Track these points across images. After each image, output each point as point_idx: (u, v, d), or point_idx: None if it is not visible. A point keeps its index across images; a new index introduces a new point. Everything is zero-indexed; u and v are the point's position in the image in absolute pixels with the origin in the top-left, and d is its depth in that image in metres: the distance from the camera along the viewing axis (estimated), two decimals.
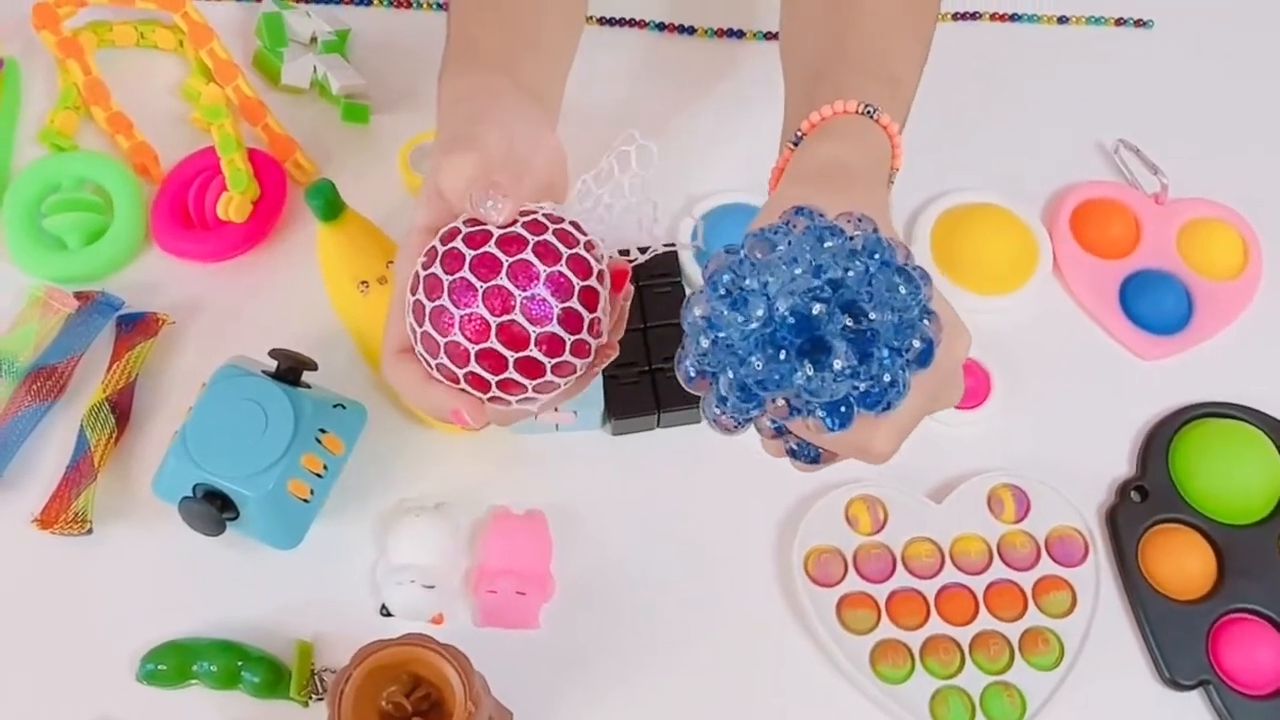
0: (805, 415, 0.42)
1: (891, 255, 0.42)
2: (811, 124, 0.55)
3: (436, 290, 0.48)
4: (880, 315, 0.40)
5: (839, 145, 0.54)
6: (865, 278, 0.41)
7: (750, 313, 0.41)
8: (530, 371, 0.49)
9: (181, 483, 0.64)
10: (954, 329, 0.46)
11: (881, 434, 0.45)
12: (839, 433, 0.42)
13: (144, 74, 0.83)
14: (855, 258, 0.41)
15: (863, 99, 0.55)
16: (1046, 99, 0.86)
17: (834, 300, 0.40)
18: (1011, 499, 0.71)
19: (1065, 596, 0.68)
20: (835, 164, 0.53)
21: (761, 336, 0.41)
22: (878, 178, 0.55)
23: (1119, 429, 0.75)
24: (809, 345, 0.40)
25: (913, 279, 0.41)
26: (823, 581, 0.68)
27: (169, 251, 0.76)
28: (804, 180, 0.53)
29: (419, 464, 0.71)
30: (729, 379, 0.42)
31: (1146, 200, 0.82)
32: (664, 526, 0.70)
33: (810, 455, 0.47)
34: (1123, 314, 0.78)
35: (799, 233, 0.42)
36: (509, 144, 0.52)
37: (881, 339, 0.41)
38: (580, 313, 0.49)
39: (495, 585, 0.66)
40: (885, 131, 0.55)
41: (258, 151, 0.78)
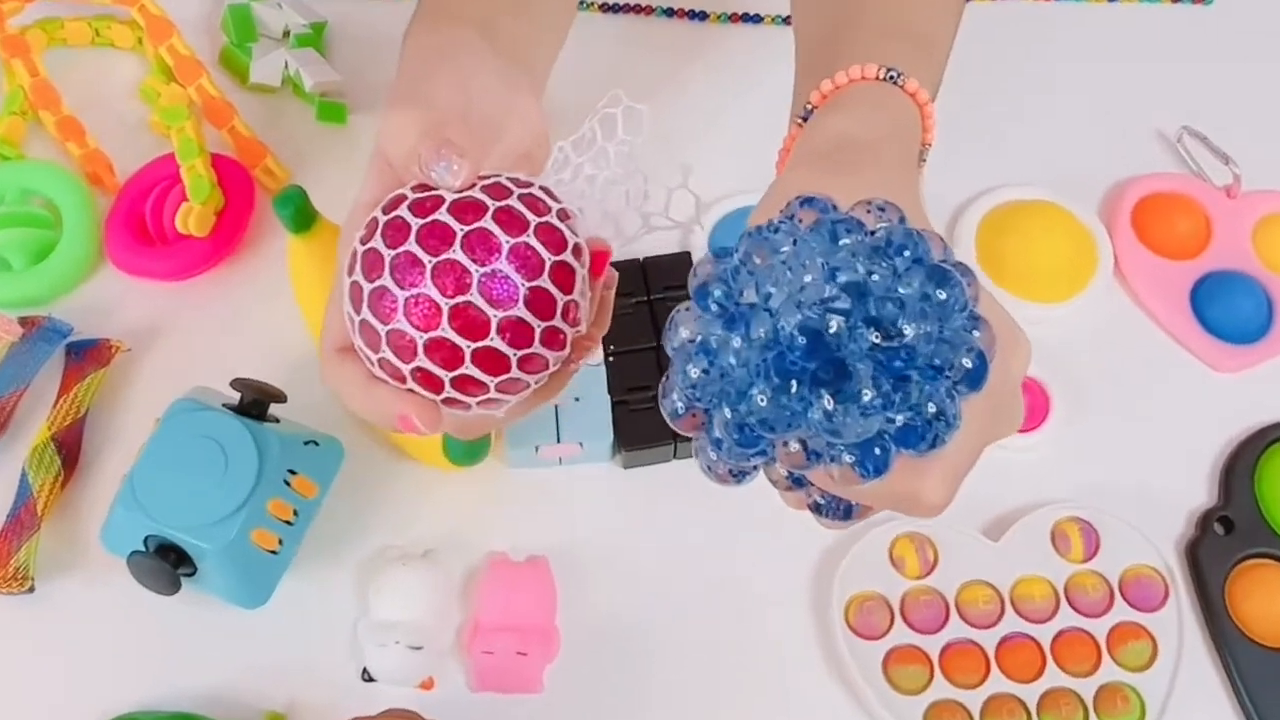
0: (828, 461, 0.34)
1: (925, 250, 0.34)
2: (823, 94, 0.47)
3: (376, 268, 0.41)
4: (916, 327, 0.33)
5: (855, 117, 0.46)
6: (893, 281, 0.33)
7: (750, 332, 0.33)
8: (492, 366, 0.41)
9: (130, 535, 0.57)
10: (1009, 337, 0.38)
11: (932, 479, 0.37)
12: (875, 481, 0.34)
13: (99, 75, 0.77)
14: (879, 256, 0.34)
15: (884, 61, 0.46)
16: (1099, 83, 0.79)
17: (855, 312, 0.33)
18: (1079, 534, 0.64)
19: (1144, 646, 0.61)
20: (850, 140, 0.45)
21: (765, 362, 0.33)
22: (904, 155, 0.47)
23: (1196, 452, 0.68)
24: (827, 371, 0.33)
25: (952, 278, 0.34)
26: (866, 633, 0.61)
27: (124, 270, 0.70)
28: (812, 161, 0.45)
29: (404, 506, 0.64)
30: (725, 417, 0.34)
31: (1216, 193, 0.75)
32: (683, 573, 0.63)
33: (840, 510, 0.39)
34: (1195, 321, 0.71)
35: (806, 228, 0.35)
36: (466, 100, 0.45)
37: (920, 357, 0.33)
38: (552, 293, 0.41)
39: (492, 644, 0.60)
40: (913, 99, 0.47)
41: (223, 157, 0.72)
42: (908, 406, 0.33)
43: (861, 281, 0.33)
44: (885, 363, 0.32)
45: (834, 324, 0.32)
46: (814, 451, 0.34)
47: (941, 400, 0.33)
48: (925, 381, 0.33)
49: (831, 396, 0.32)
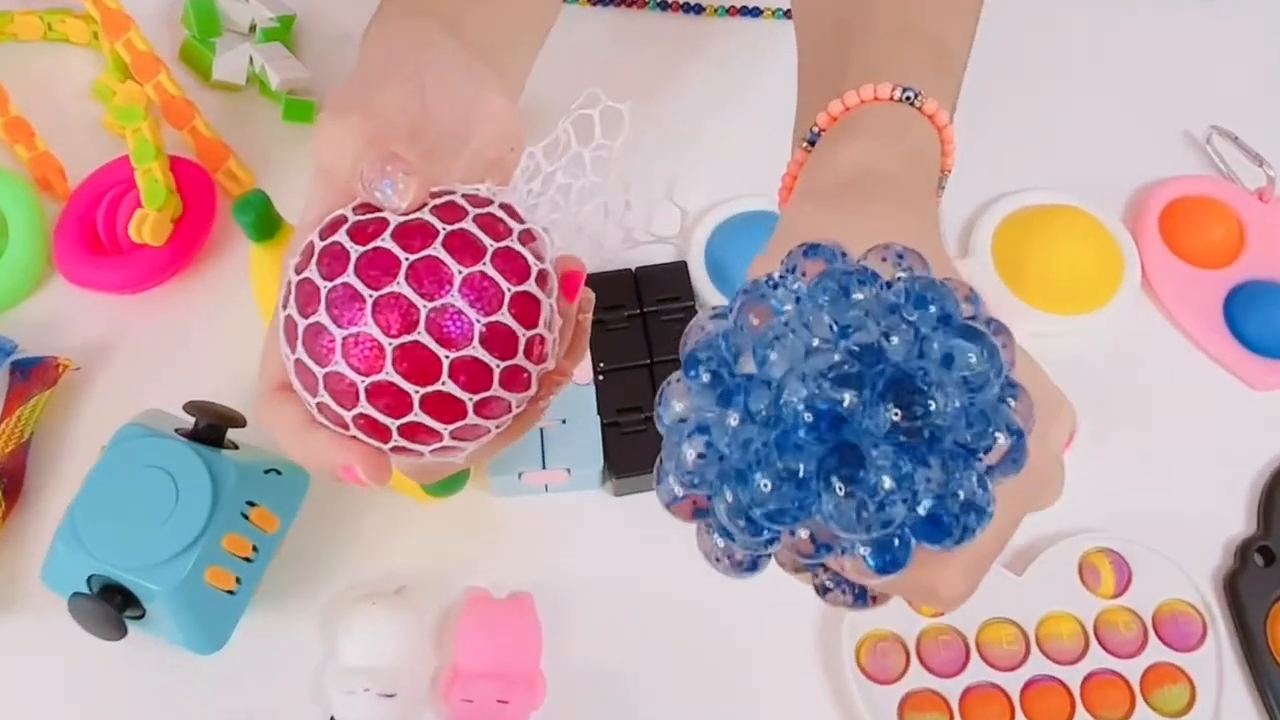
0: (839, 553, 0.30)
1: (952, 306, 0.30)
2: (832, 116, 0.43)
3: (312, 302, 0.36)
4: (944, 401, 0.28)
5: (868, 145, 0.41)
6: (915, 344, 0.29)
7: (748, 409, 0.29)
8: (444, 413, 0.37)
9: (72, 574, 0.52)
10: (1049, 404, 0.34)
11: (952, 572, 0.33)
12: (891, 577, 0.29)
13: (51, 72, 0.72)
14: (898, 314, 0.29)
15: (900, 79, 0.42)
16: (1124, 80, 0.75)
17: (871, 383, 0.28)
18: (1109, 567, 0.60)
19: (1182, 690, 0.57)
20: (864, 172, 0.40)
21: (766, 445, 0.29)
22: (923, 188, 0.42)
23: (1233, 476, 0.63)
24: (839, 455, 0.28)
25: (986, 340, 0.29)
26: (880, 677, 0.57)
27: (75, 282, 0.65)
28: (821, 197, 0.40)
29: (375, 539, 0.60)
30: (727, 504, 0.29)
31: (1249, 197, 0.71)
32: (680, 610, 0.59)
33: (850, 595, 0.35)
34: (1229, 334, 0.67)
35: (811, 282, 0.30)
36: (422, 105, 0.40)
37: (948, 437, 0.28)
38: (512, 328, 0.37)
39: (471, 691, 0.55)
40: (931, 122, 0.42)
41: (182, 160, 0.67)
42: (934, 496, 0.28)
43: (878, 346, 0.28)
44: (907, 445, 0.28)
45: (846, 399, 0.28)
46: (824, 544, 0.30)
47: (972, 489, 0.29)
48: (955, 466, 0.28)
49: (844, 485, 0.28)
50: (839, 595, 0.35)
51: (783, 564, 0.34)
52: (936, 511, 0.28)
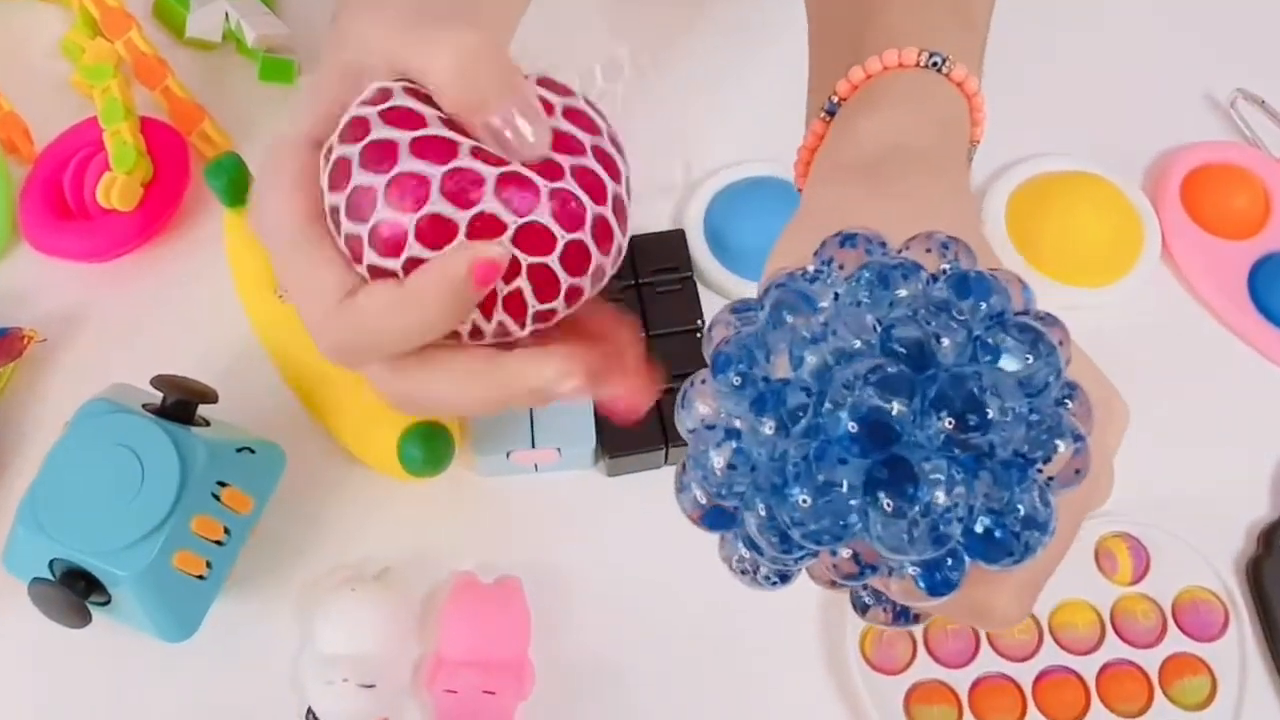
0: (885, 574, 0.27)
1: (1005, 301, 0.27)
2: (853, 84, 0.40)
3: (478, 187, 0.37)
4: (1002, 408, 0.25)
5: (897, 118, 0.38)
6: (968, 345, 0.26)
7: (784, 417, 0.26)
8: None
9: (33, 558, 0.50)
10: (1105, 402, 0.31)
11: (1007, 592, 0.31)
12: (943, 600, 0.27)
13: (18, 29, 0.69)
14: (947, 312, 0.26)
15: (925, 43, 0.39)
16: (1144, 42, 0.73)
17: (922, 389, 0.25)
18: (1126, 552, 0.57)
19: (1202, 681, 0.55)
20: (892, 147, 0.37)
21: (806, 459, 0.26)
22: (956, 163, 0.39)
23: (1256, 457, 0.61)
24: (886, 469, 0.25)
25: (1044, 338, 0.26)
26: (885, 667, 0.55)
27: (40, 249, 0.62)
28: (848, 176, 0.37)
29: (356, 521, 0.57)
30: (759, 519, 0.27)
31: (1275, 164, 0.68)
32: (674, 596, 0.56)
33: (891, 614, 0.32)
34: (1253, 308, 0.64)
35: (848, 274, 0.28)
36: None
37: (1006, 446, 0.26)
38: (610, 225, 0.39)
39: (456, 681, 0.53)
40: (960, 89, 0.39)
41: (154, 121, 0.64)
42: (990, 511, 0.26)
43: (927, 348, 0.26)
44: (962, 457, 0.26)
45: (894, 407, 0.25)
46: (869, 565, 0.27)
47: (1032, 503, 0.26)
48: (1014, 479, 0.26)
49: (893, 502, 0.25)
50: (879, 613, 0.32)
51: (816, 578, 0.31)
52: (994, 529, 0.26)
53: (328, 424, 0.57)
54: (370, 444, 0.55)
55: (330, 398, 0.56)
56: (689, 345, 0.59)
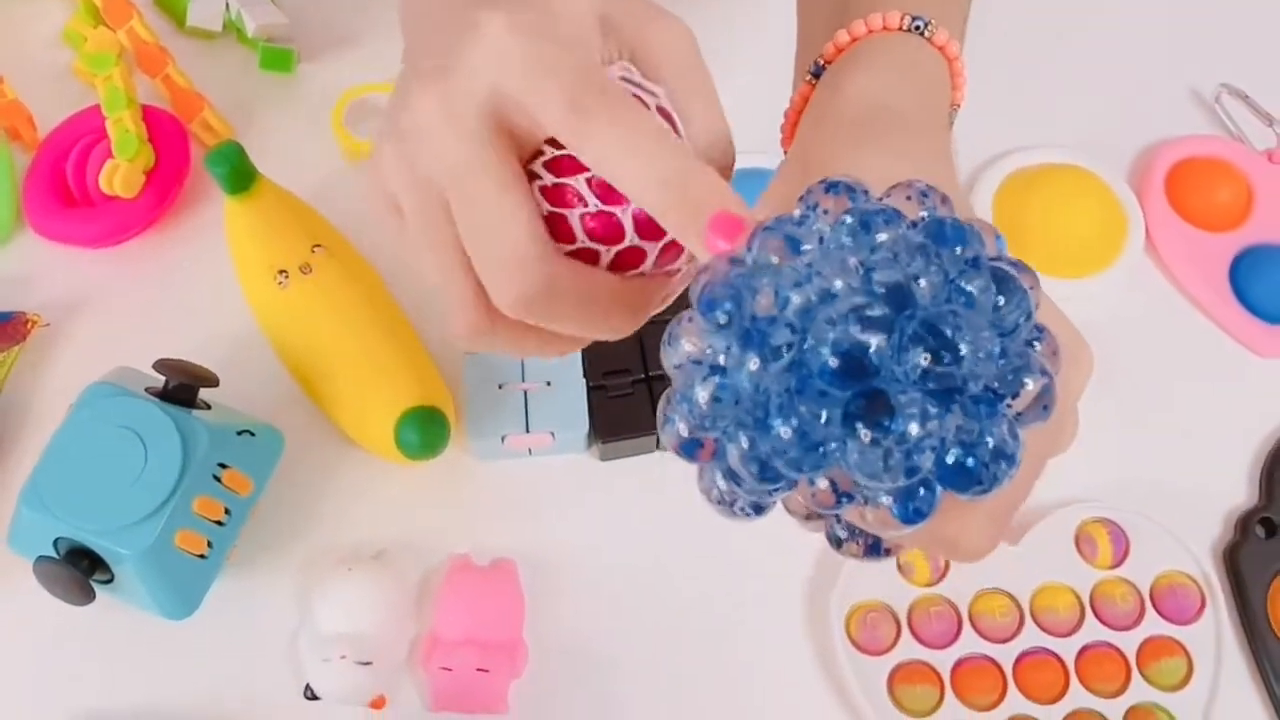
0: (861, 503, 0.29)
1: (980, 247, 0.28)
2: (838, 47, 0.41)
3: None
4: (974, 346, 0.26)
5: (880, 77, 0.39)
6: (944, 287, 0.27)
7: (768, 352, 0.27)
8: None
9: (38, 537, 0.51)
10: (1071, 349, 0.33)
11: (976, 522, 0.32)
12: (916, 527, 0.28)
13: (21, 18, 0.70)
14: (926, 255, 0.27)
15: (908, 7, 0.40)
16: (1130, 36, 0.73)
17: (900, 326, 0.27)
18: (1106, 537, 0.58)
19: (1178, 663, 0.56)
20: (877, 105, 0.38)
21: (788, 391, 0.27)
22: (936, 122, 0.40)
23: (1235, 445, 0.62)
24: (864, 401, 0.27)
25: (1015, 282, 0.28)
26: (869, 647, 0.56)
27: (44, 235, 0.63)
28: (831, 130, 0.38)
29: (353, 503, 0.58)
30: (741, 450, 0.28)
31: (1258, 158, 0.69)
32: (665, 578, 0.57)
33: (864, 545, 0.33)
34: (1234, 299, 0.65)
35: (832, 219, 0.29)
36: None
37: (977, 382, 0.27)
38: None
39: (451, 659, 0.54)
40: (941, 53, 0.41)
41: (156, 109, 0.65)
42: (961, 443, 0.27)
43: (906, 288, 0.27)
44: (936, 391, 0.27)
45: (874, 343, 0.26)
46: (845, 493, 0.28)
47: (1002, 435, 0.27)
48: (984, 412, 0.27)
49: (870, 433, 0.26)
50: (853, 545, 0.33)
51: (792, 511, 0.33)
52: (965, 459, 0.27)
53: (326, 408, 0.58)
54: (367, 428, 0.56)
55: (328, 383, 0.57)
56: None
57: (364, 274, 0.59)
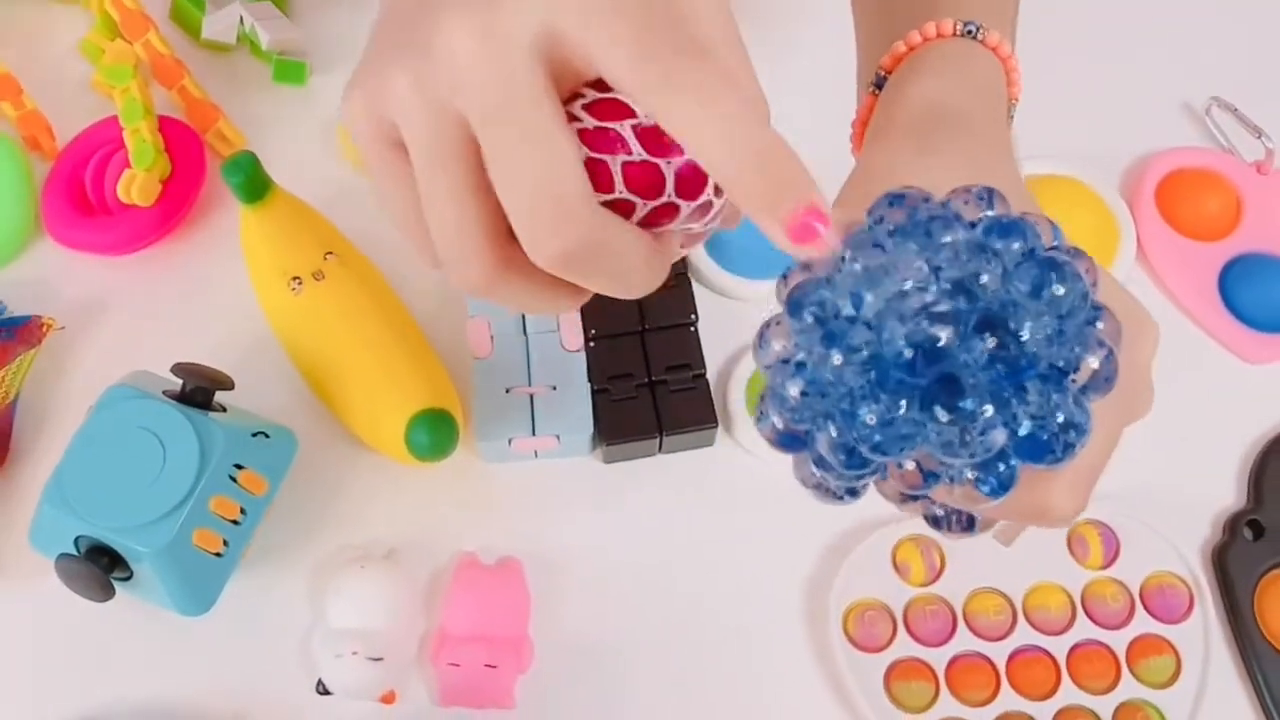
0: (947, 481, 0.31)
1: (1035, 239, 0.31)
2: (895, 57, 0.43)
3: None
4: (1034, 329, 0.29)
5: (939, 82, 0.41)
6: (1003, 279, 0.30)
7: (849, 348, 0.30)
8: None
9: (59, 535, 0.52)
10: (1135, 321, 0.35)
11: (1060, 488, 0.34)
12: (1001, 499, 0.31)
13: (40, 30, 0.71)
14: (985, 253, 0.30)
15: (960, 13, 0.42)
16: (1122, 49, 0.74)
17: (965, 318, 0.30)
18: (1097, 539, 0.59)
19: (1167, 661, 0.57)
20: (939, 109, 0.40)
21: (869, 382, 0.30)
22: (995, 119, 0.42)
23: (1224, 449, 0.63)
24: (939, 386, 0.30)
25: (1069, 269, 0.30)
26: (866, 645, 0.57)
27: (62, 243, 0.64)
28: (895, 138, 0.40)
29: (364, 503, 0.59)
30: (830, 438, 0.31)
31: (1247, 169, 0.70)
32: (667, 577, 0.58)
33: (962, 522, 0.37)
34: (1223, 307, 0.66)
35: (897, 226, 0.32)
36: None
37: (1042, 362, 0.30)
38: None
39: (459, 655, 0.55)
40: (995, 54, 0.42)
41: (172, 120, 0.66)
42: (1033, 416, 0.30)
43: (968, 283, 0.30)
44: (1004, 372, 0.30)
45: (943, 334, 0.29)
46: (931, 472, 0.31)
47: (1069, 407, 0.30)
48: (1050, 388, 0.30)
49: (947, 414, 0.29)
50: (951, 523, 0.36)
51: (887, 496, 0.35)
52: (1036, 431, 0.30)
53: (338, 411, 0.59)
54: (378, 430, 0.57)
55: (340, 386, 0.58)
56: (683, 339, 0.61)
57: (375, 280, 0.61)
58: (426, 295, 0.62)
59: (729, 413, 0.61)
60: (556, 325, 0.60)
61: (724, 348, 0.63)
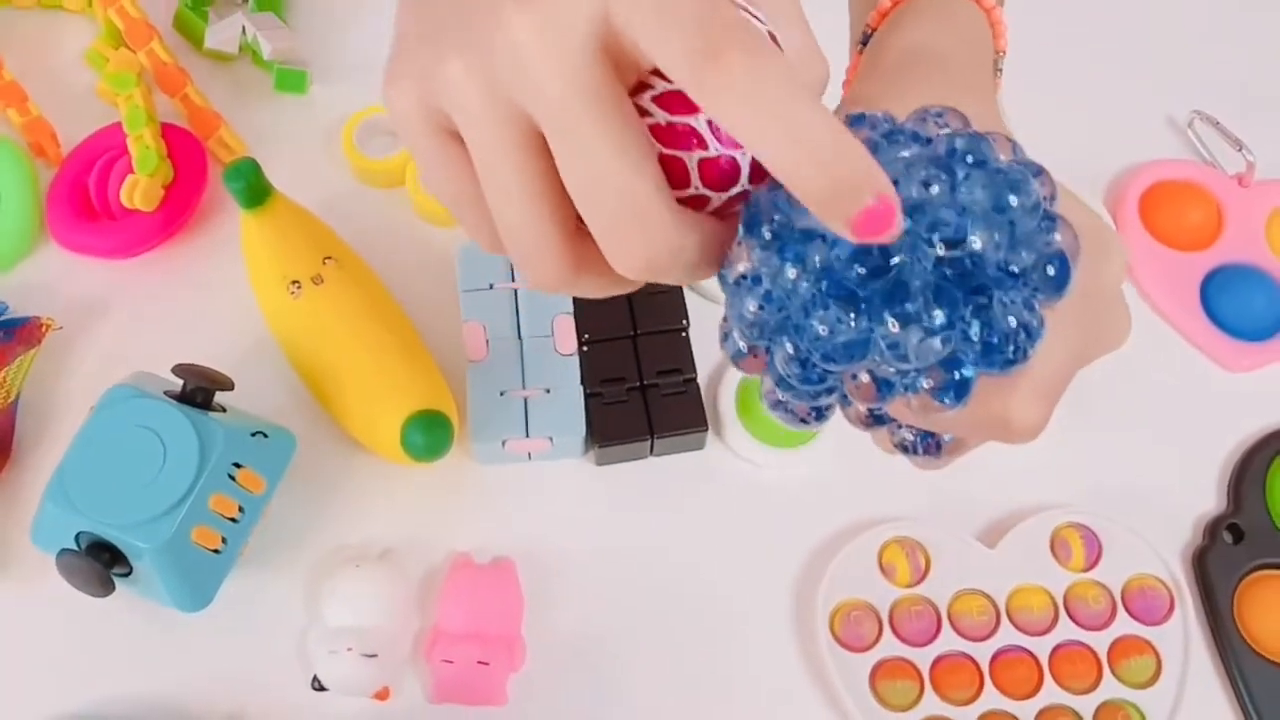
0: (903, 391, 0.31)
1: (987, 153, 0.31)
2: (881, 13, 0.44)
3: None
4: (984, 236, 0.29)
5: (919, 29, 0.42)
6: (953, 189, 0.30)
7: (804, 260, 0.30)
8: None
9: (60, 531, 0.53)
10: (1098, 239, 0.34)
11: (1020, 398, 0.32)
12: (958, 408, 0.31)
13: (45, 39, 0.72)
14: (937, 165, 0.30)
15: None
16: (1106, 65, 0.75)
17: (916, 225, 0.29)
18: (1080, 541, 0.60)
19: (1148, 662, 0.58)
20: (917, 51, 0.41)
21: (820, 290, 0.30)
22: (976, 61, 0.43)
23: (1204, 455, 0.64)
24: (889, 293, 0.29)
25: (1019, 178, 0.30)
26: (852, 644, 0.58)
27: (66, 246, 0.65)
28: (876, 79, 0.41)
29: (360, 503, 0.60)
30: (787, 353, 0.31)
31: (1229, 182, 0.71)
32: (657, 577, 0.59)
33: (932, 445, 0.36)
34: (1204, 316, 0.67)
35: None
36: None
37: (990, 267, 0.29)
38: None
39: (453, 653, 0.56)
40: (978, 5, 0.43)
41: (174, 127, 0.67)
42: (984, 322, 0.30)
43: (919, 197, 0.29)
44: (952, 277, 0.29)
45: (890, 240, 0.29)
46: (885, 381, 0.31)
47: (1019, 311, 0.30)
48: (1000, 293, 0.29)
49: (896, 320, 0.29)
50: (920, 448, 0.36)
51: (852, 421, 0.35)
52: (986, 335, 0.30)
53: (335, 412, 0.60)
54: (375, 431, 0.58)
55: (338, 388, 0.59)
56: (675, 344, 0.62)
57: (372, 285, 0.62)
58: (423, 299, 0.63)
59: (719, 416, 0.62)
60: (550, 330, 0.61)
61: (714, 353, 0.64)
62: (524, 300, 0.62)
